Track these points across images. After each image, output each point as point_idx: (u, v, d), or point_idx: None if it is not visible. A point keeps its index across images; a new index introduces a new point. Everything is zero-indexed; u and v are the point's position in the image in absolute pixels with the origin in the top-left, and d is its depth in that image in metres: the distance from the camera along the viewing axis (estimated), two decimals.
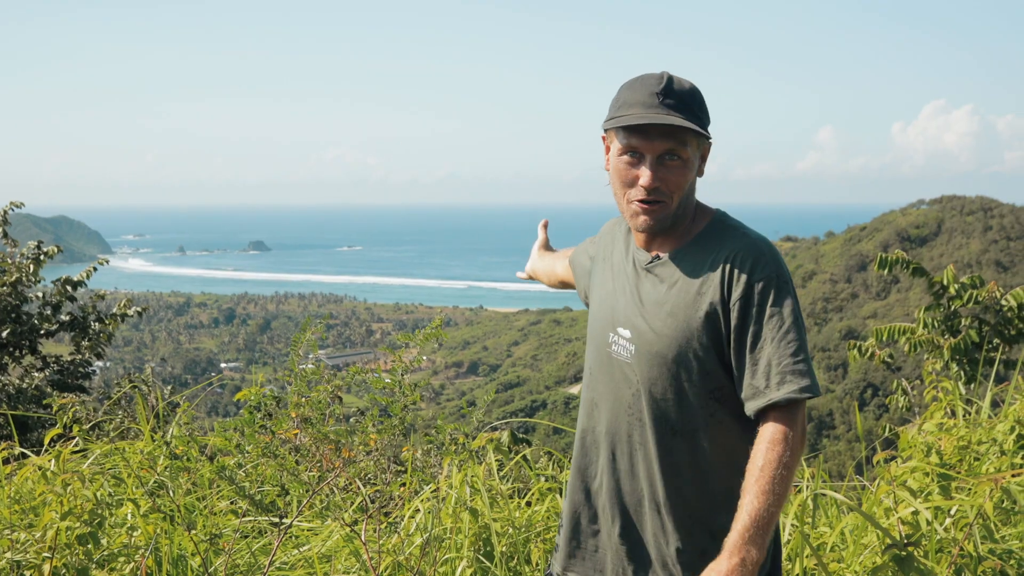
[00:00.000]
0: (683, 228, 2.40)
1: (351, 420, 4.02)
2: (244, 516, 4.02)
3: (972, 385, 7.40)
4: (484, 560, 3.87)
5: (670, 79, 2.27)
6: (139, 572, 3.49)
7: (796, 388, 2.15)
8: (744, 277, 2.24)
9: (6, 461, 4.69)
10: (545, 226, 3.30)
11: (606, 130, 2.38)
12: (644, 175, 2.27)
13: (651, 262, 2.39)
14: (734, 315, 2.23)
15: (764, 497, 2.07)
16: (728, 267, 2.26)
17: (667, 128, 2.24)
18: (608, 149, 2.40)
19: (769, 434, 2.14)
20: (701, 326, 2.26)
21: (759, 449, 2.13)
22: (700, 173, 2.36)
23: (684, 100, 2.26)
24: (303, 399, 3.31)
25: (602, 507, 2.45)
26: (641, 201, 2.30)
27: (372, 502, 3.98)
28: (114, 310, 10.12)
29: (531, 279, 3.28)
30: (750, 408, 2.21)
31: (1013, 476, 3.65)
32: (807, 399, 2.17)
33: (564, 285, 3.05)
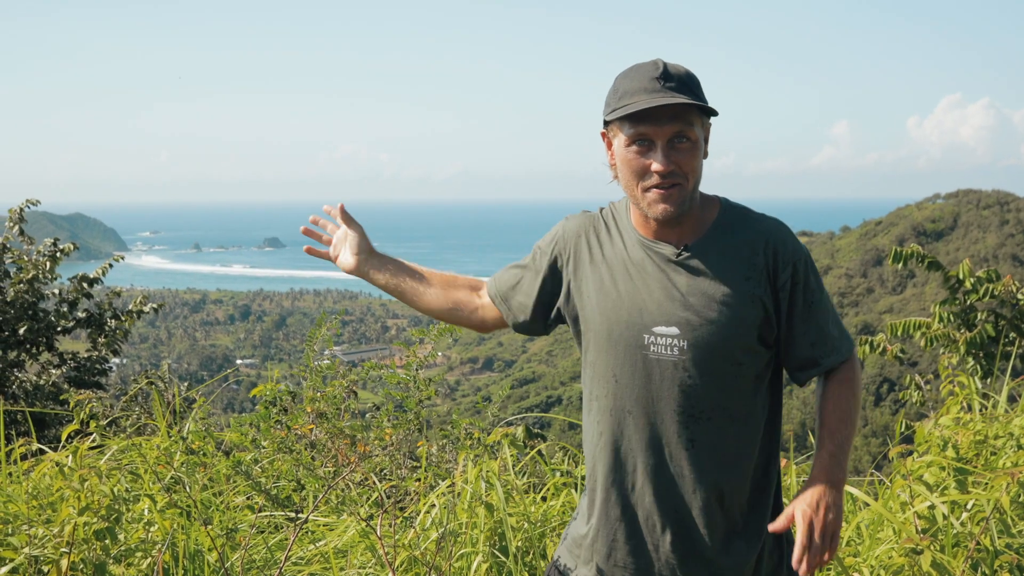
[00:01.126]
0: (695, 216, 2.38)
1: (367, 416, 4.04)
2: (260, 511, 4.04)
3: (988, 379, 7.36)
4: (499, 555, 3.87)
5: (665, 64, 2.27)
6: (156, 567, 3.51)
7: (850, 344, 2.42)
8: (784, 260, 2.33)
9: (24, 457, 4.72)
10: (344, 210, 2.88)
11: (607, 124, 2.36)
12: (658, 160, 2.25)
13: (680, 254, 2.34)
14: (783, 295, 2.34)
15: (845, 425, 2.34)
16: (768, 252, 2.33)
17: (674, 111, 2.23)
18: (610, 145, 2.38)
19: (840, 376, 2.39)
20: (750, 310, 2.30)
21: (834, 390, 2.38)
22: (705, 155, 2.35)
23: (684, 81, 2.26)
24: (318, 394, 3.32)
25: (645, 518, 2.37)
26: (658, 187, 2.27)
27: (388, 497, 3.99)
28: (130, 307, 10.17)
29: (342, 270, 2.87)
30: (820, 370, 2.39)
31: None
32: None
33: (435, 310, 2.79)
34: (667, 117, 2.24)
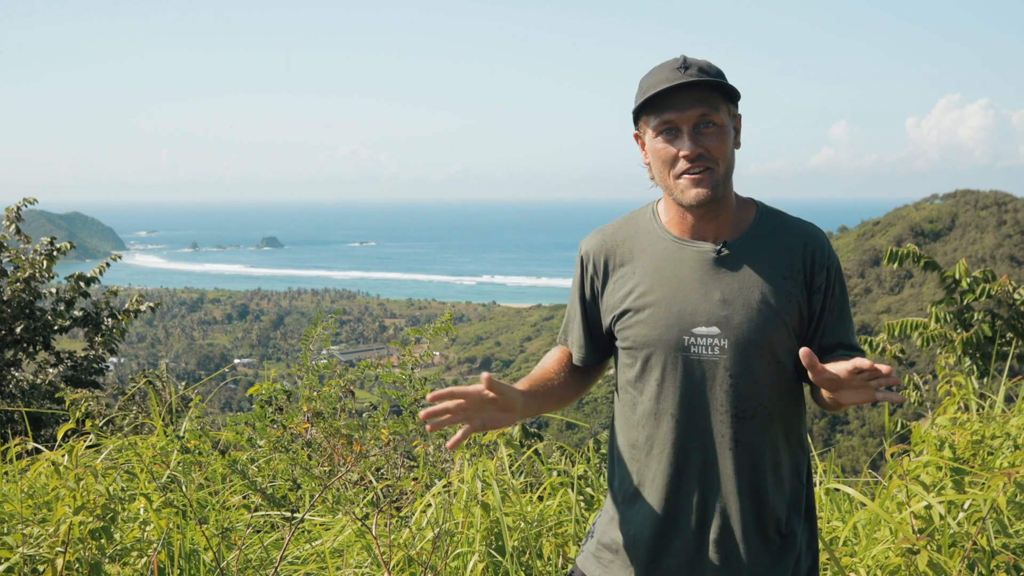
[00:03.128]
0: (731, 214, 2.39)
1: (364, 415, 4.03)
2: (256, 511, 4.03)
3: (985, 379, 7.36)
4: (496, 554, 3.87)
5: (686, 56, 2.31)
6: (151, 567, 3.50)
7: (862, 356, 2.32)
8: (820, 264, 2.37)
9: (20, 456, 4.71)
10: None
11: (638, 124, 2.38)
12: (684, 144, 2.27)
13: (719, 252, 2.34)
14: (817, 298, 2.36)
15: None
16: (806, 255, 2.37)
17: (696, 95, 2.26)
18: (643, 145, 2.39)
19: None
20: (789, 309, 2.33)
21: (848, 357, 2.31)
22: (737, 145, 2.37)
23: (704, 69, 2.28)
24: (314, 393, 3.31)
25: (692, 521, 2.34)
26: (688, 173, 2.28)
27: (384, 497, 3.99)
28: (127, 306, 10.16)
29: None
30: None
31: None
32: None
33: (575, 399, 2.61)
34: (690, 101, 2.26)
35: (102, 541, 3.55)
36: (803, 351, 2.07)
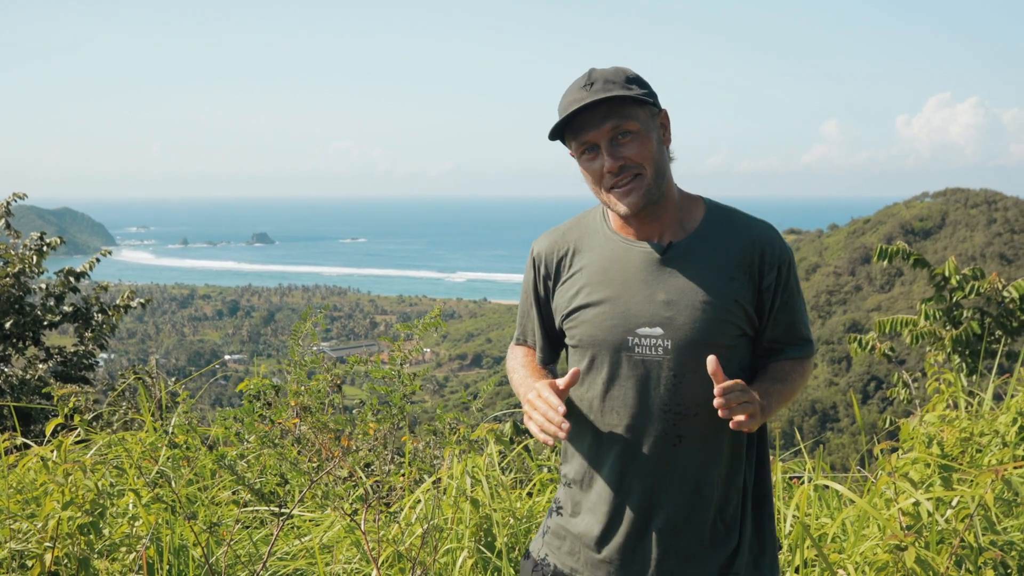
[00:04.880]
0: (675, 214, 2.42)
1: (354, 411, 4.03)
2: (245, 506, 4.03)
3: (974, 377, 7.39)
4: (485, 550, 3.87)
5: (592, 70, 2.34)
6: (140, 562, 3.49)
7: (813, 347, 2.54)
8: (770, 263, 2.39)
9: (8, 452, 4.70)
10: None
11: (565, 144, 2.42)
12: (605, 160, 2.31)
13: (666, 253, 2.37)
14: (767, 296, 2.40)
15: (787, 394, 2.41)
16: (755, 254, 2.39)
17: (604, 109, 2.29)
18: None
19: (802, 362, 2.49)
20: (734, 310, 2.35)
21: (785, 364, 2.47)
22: (666, 141, 2.41)
23: (608, 79, 2.31)
24: (302, 388, 3.31)
25: (634, 515, 2.38)
26: (617, 187, 2.33)
27: (373, 492, 3.99)
28: (117, 301, 10.13)
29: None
30: (783, 357, 2.48)
31: (1015, 468, 3.65)
32: None
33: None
34: (600, 117, 2.30)
35: (91, 536, 3.54)
36: (710, 359, 2.18)
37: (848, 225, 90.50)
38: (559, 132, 2.37)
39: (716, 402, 2.14)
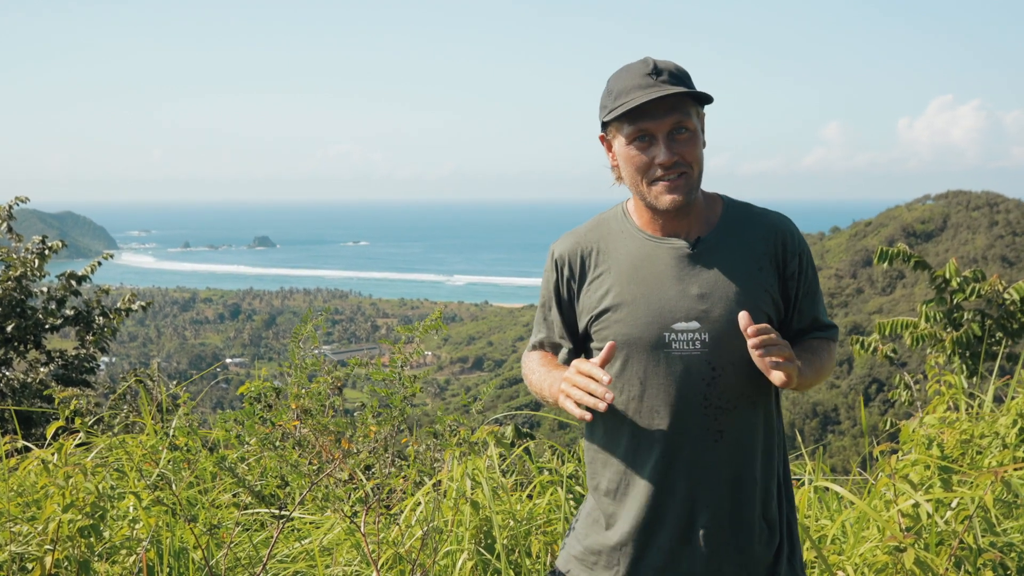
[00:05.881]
0: (700, 211, 2.44)
1: (354, 414, 4.04)
2: (245, 509, 4.03)
3: (974, 379, 7.39)
4: (485, 552, 3.87)
5: (655, 60, 2.34)
6: (140, 565, 3.50)
7: (836, 332, 2.58)
8: (792, 251, 2.44)
9: (9, 455, 4.71)
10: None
11: (605, 127, 2.40)
12: (661, 152, 2.30)
13: (693, 249, 2.39)
14: (792, 284, 2.45)
15: (817, 365, 2.41)
16: (777, 244, 2.43)
17: (671, 103, 2.29)
18: (609, 147, 2.43)
19: (828, 342, 2.52)
20: (765, 299, 2.39)
21: (822, 343, 2.50)
22: (704, 143, 2.41)
23: (675, 74, 2.32)
24: (303, 390, 3.31)
25: (680, 516, 2.36)
26: (664, 179, 2.32)
27: (373, 494, 3.99)
28: (119, 305, 10.14)
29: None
30: (809, 337, 2.52)
31: (1015, 469, 3.65)
32: None
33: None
34: (664, 110, 2.29)
35: (91, 539, 3.54)
36: (742, 314, 2.18)
37: (850, 228, 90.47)
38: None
39: (751, 343, 2.13)
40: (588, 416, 2.19)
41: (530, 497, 4.43)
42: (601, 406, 2.15)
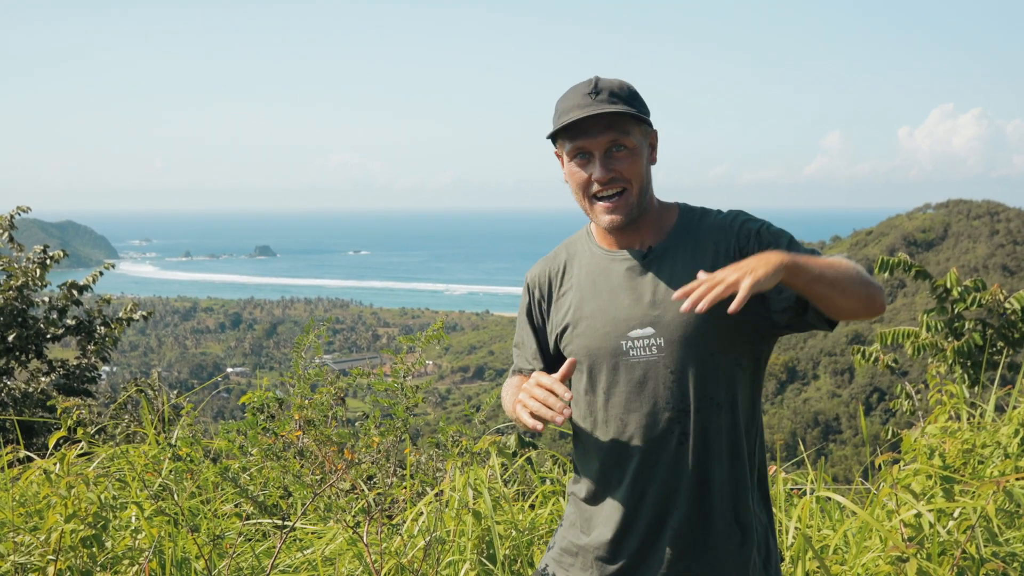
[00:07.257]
0: (654, 222, 2.47)
1: (356, 424, 4.04)
2: (248, 519, 4.03)
3: (976, 388, 7.38)
4: (487, 563, 3.87)
5: (598, 79, 2.40)
6: (143, 575, 3.50)
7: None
8: (745, 234, 2.40)
9: (11, 465, 4.71)
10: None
11: (555, 142, 2.47)
12: (596, 170, 2.36)
13: (645, 257, 2.43)
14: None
15: (824, 264, 2.22)
16: (730, 236, 2.41)
17: (607, 121, 2.34)
18: (563, 162, 2.48)
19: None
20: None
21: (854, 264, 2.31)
22: (653, 161, 2.46)
23: (615, 93, 2.37)
24: (306, 401, 3.32)
25: (649, 519, 2.40)
26: (603, 197, 2.39)
27: (375, 505, 3.99)
28: (120, 314, 10.14)
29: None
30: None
31: (1017, 479, 3.65)
32: None
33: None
34: (601, 128, 2.35)
35: (93, 549, 3.54)
36: (676, 293, 2.12)
37: (850, 237, 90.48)
38: (556, 132, 2.42)
39: (697, 311, 2.08)
40: (540, 427, 2.21)
41: (532, 507, 4.43)
42: (558, 419, 2.18)
